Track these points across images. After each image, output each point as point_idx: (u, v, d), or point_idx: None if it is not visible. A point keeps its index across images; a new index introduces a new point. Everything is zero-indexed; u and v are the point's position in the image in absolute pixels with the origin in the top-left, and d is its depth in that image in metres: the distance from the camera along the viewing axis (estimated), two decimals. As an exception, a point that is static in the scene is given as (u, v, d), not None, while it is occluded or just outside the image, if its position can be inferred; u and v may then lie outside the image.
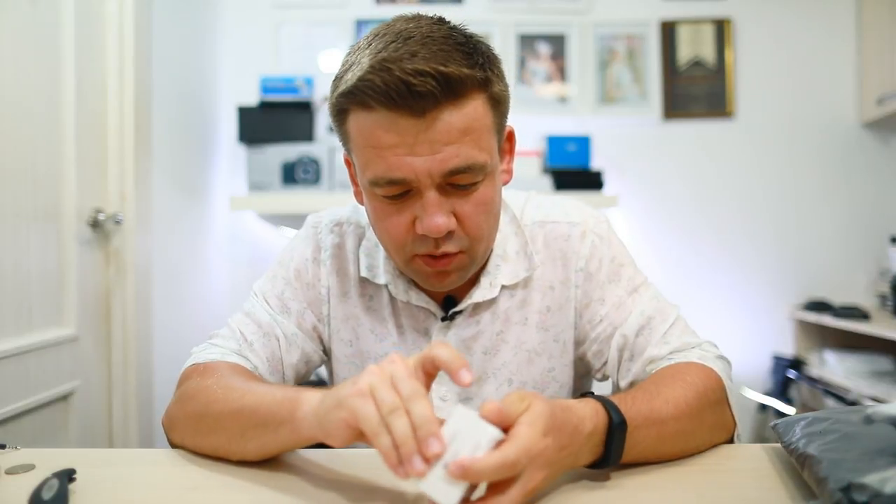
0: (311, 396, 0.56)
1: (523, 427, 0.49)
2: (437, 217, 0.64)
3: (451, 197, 0.66)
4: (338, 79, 0.66)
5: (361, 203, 0.74)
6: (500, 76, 0.68)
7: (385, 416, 0.48)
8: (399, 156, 0.62)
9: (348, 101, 0.64)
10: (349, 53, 0.66)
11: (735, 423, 0.69)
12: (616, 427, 0.55)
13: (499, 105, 0.68)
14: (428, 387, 0.53)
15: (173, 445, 0.68)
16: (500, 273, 0.78)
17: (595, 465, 0.57)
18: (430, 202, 0.64)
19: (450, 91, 0.60)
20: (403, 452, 0.46)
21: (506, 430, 0.49)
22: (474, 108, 0.64)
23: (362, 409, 0.49)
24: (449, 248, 0.67)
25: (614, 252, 0.81)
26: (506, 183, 0.75)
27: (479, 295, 0.78)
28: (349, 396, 0.50)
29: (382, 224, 0.69)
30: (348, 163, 0.74)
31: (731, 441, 0.69)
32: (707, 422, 0.65)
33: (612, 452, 0.56)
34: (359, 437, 0.51)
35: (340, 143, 0.71)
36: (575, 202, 0.85)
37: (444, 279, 0.71)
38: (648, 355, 0.74)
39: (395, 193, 0.65)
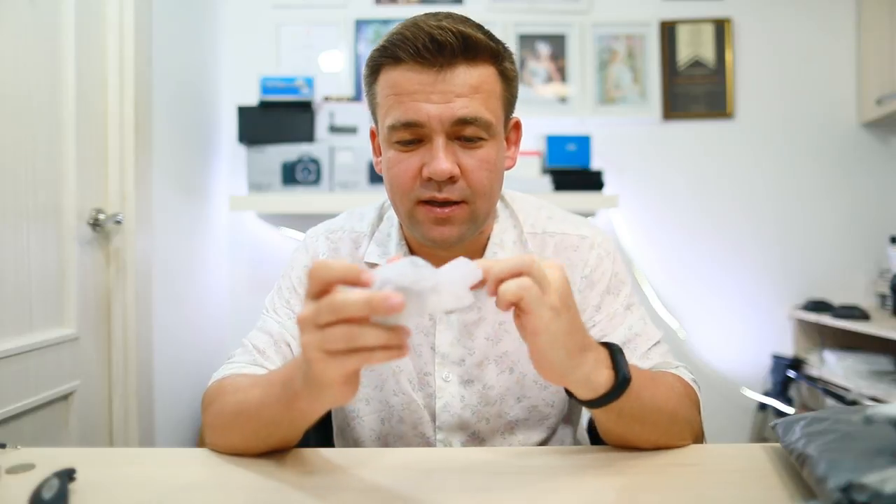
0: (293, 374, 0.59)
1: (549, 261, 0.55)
2: (442, 161, 0.71)
3: (457, 149, 0.73)
4: (374, 49, 0.76)
5: (381, 173, 0.81)
6: (511, 60, 0.77)
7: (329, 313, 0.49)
8: (417, 101, 0.71)
9: (381, 55, 0.73)
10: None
11: (703, 436, 0.75)
12: (618, 350, 0.62)
13: (508, 81, 0.76)
14: None
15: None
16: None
17: (607, 394, 0.60)
18: (438, 147, 0.71)
19: (466, 49, 0.70)
20: (377, 305, 0.47)
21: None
22: (486, 73, 0.73)
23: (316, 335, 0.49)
24: (451, 194, 0.73)
25: (617, 268, 0.86)
26: (509, 168, 0.82)
27: None
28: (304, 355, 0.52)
29: (394, 171, 0.75)
30: (373, 135, 0.82)
31: None
32: (685, 411, 0.70)
33: (621, 368, 0.60)
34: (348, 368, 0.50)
35: (370, 113, 0.80)
36: (586, 220, 0.91)
37: (444, 227, 0.75)
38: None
39: (409, 139, 0.73)
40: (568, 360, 0.56)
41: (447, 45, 0.69)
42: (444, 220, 0.74)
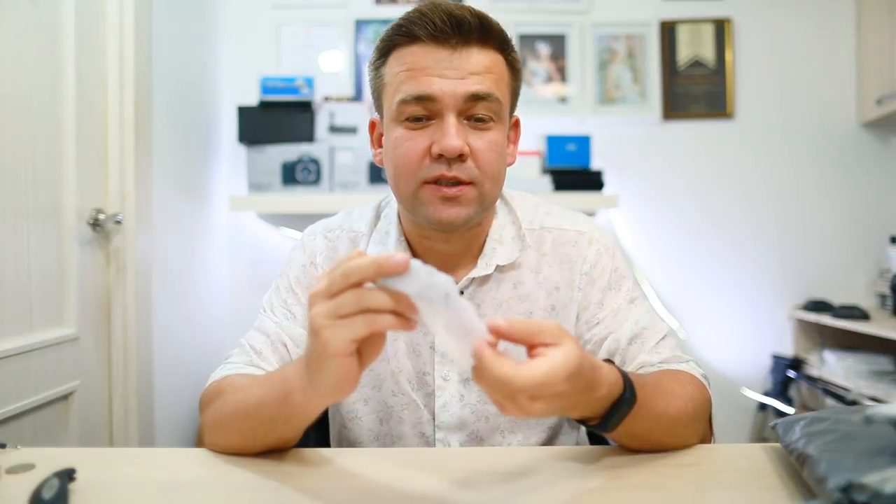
0: (294, 371, 0.60)
1: (550, 362, 0.50)
2: (454, 137, 0.71)
3: (467, 130, 0.73)
4: (387, 29, 0.77)
5: (380, 164, 0.82)
6: (516, 54, 0.79)
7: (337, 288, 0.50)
8: (430, 76, 0.72)
9: (396, 33, 0.74)
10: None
11: (712, 438, 0.75)
12: (625, 402, 0.59)
13: (515, 72, 0.78)
14: None
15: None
16: (496, 255, 0.83)
17: (586, 423, 0.60)
18: (449, 124, 0.72)
19: (481, 31, 0.72)
20: (382, 268, 0.49)
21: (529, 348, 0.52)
22: (497, 59, 0.75)
23: (324, 308, 0.51)
24: (461, 173, 0.73)
25: (617, 263, 0.86)
26: (509, 165, 0.82)
27: (475, 272, 0.82)
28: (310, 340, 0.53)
29: (401, 149, 0.74)
30: (372, 126, 0.83)
31: None
32: (692, 429, 0.69)
33: (609, 422, 0.59)
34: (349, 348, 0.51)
35: (373, 101, 0.80)
36: (584, 215, 0.90)
37: (452, 208, 0.74)
38: (640, 361, 0.78)
39: (420, 115, 0.73)
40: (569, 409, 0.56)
41: (465, 21, 0.71)
42: (453, 199, 0.73)
